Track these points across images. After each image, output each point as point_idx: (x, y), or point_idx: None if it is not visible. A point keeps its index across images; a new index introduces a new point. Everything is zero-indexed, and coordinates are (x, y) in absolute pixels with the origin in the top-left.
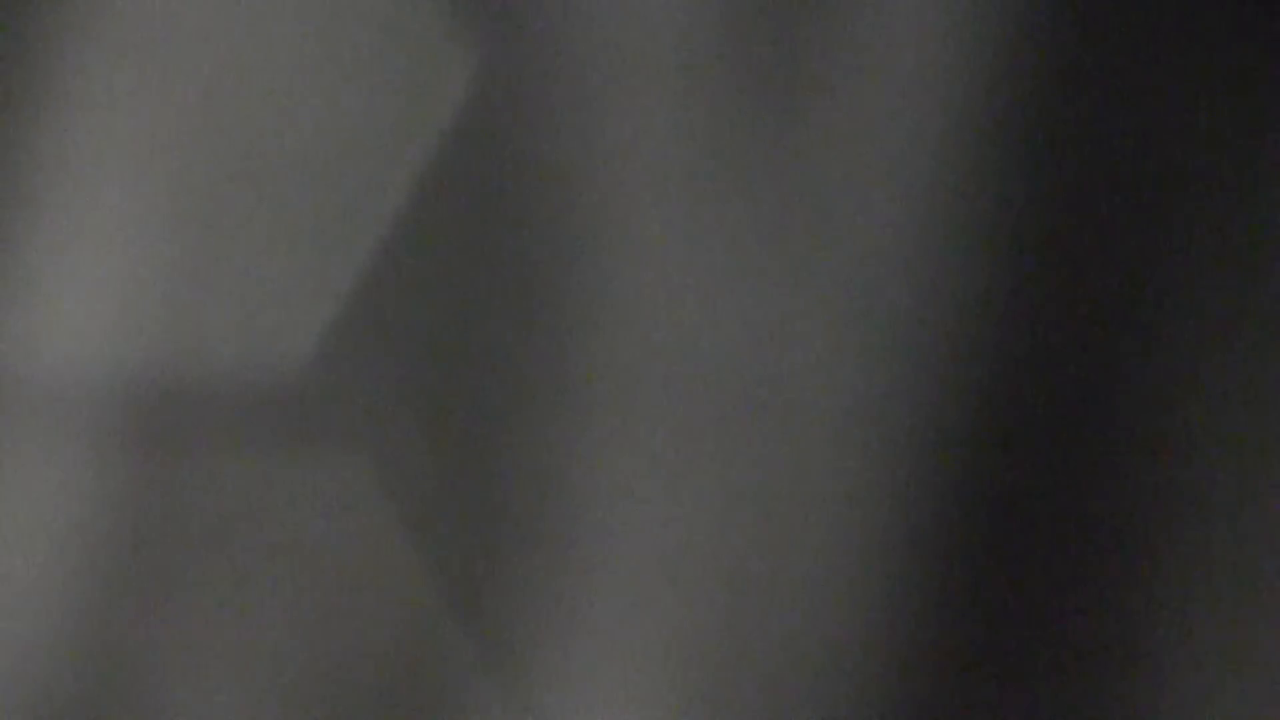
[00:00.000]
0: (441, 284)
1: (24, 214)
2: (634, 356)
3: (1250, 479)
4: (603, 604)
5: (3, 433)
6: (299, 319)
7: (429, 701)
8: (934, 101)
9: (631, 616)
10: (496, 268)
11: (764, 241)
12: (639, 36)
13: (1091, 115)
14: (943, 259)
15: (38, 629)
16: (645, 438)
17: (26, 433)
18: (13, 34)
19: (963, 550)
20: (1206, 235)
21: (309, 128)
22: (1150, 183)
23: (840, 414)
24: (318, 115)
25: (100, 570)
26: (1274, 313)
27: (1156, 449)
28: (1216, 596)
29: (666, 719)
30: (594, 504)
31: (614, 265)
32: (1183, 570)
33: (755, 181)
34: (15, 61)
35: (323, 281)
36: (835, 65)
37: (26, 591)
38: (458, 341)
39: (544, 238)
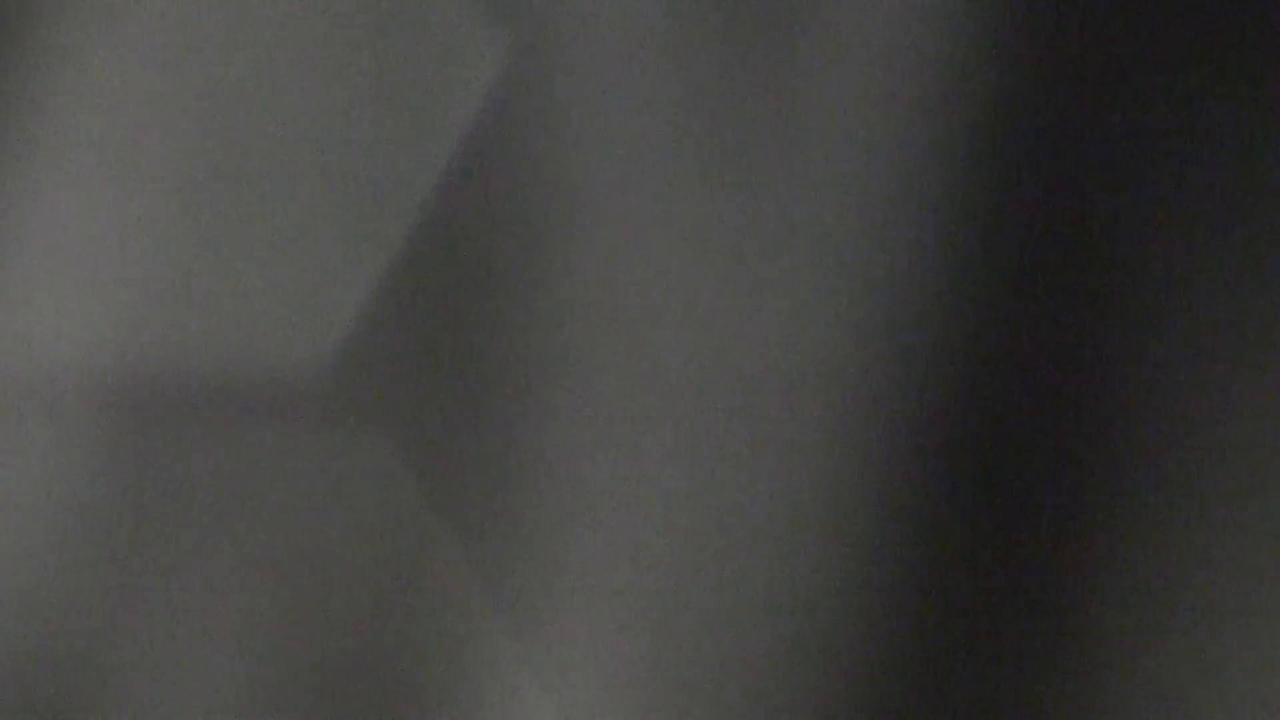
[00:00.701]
0: (458, 277)
1: (50, 210)
2: (640, 350)
3: (1250, 478)
4: (611, 571)
5: (19, 425)
6: (321, 309)
7: (453, 668)
8: (933, 99)
9: (635, 583)
10: (512, 261)
11: (772, 242)
12: (653, 36)
13: (1091, 111)
14: (938, 256)
15: (52, 621)
16: (646, 422)
17: (45, 426)
18: (31, 31)
19: (952, 550)
20: (1206, 234)
21: (332, 122)
22: (1149, 181)
23: (832, 412)
24: (340, 110)
25: (118, 558)
26: (1274, 313)
27: (1154, 447)
28: (1216, 596)
29: (677, 692)
30: (603, 487)
31: (625, 261)
32: (1181, 569)
33: (766, 181)
34: (34, 57)
35: (343, 274)
36: (838, 66)
37: (40, 584)
38: (473, 330)
39: (557, 233)
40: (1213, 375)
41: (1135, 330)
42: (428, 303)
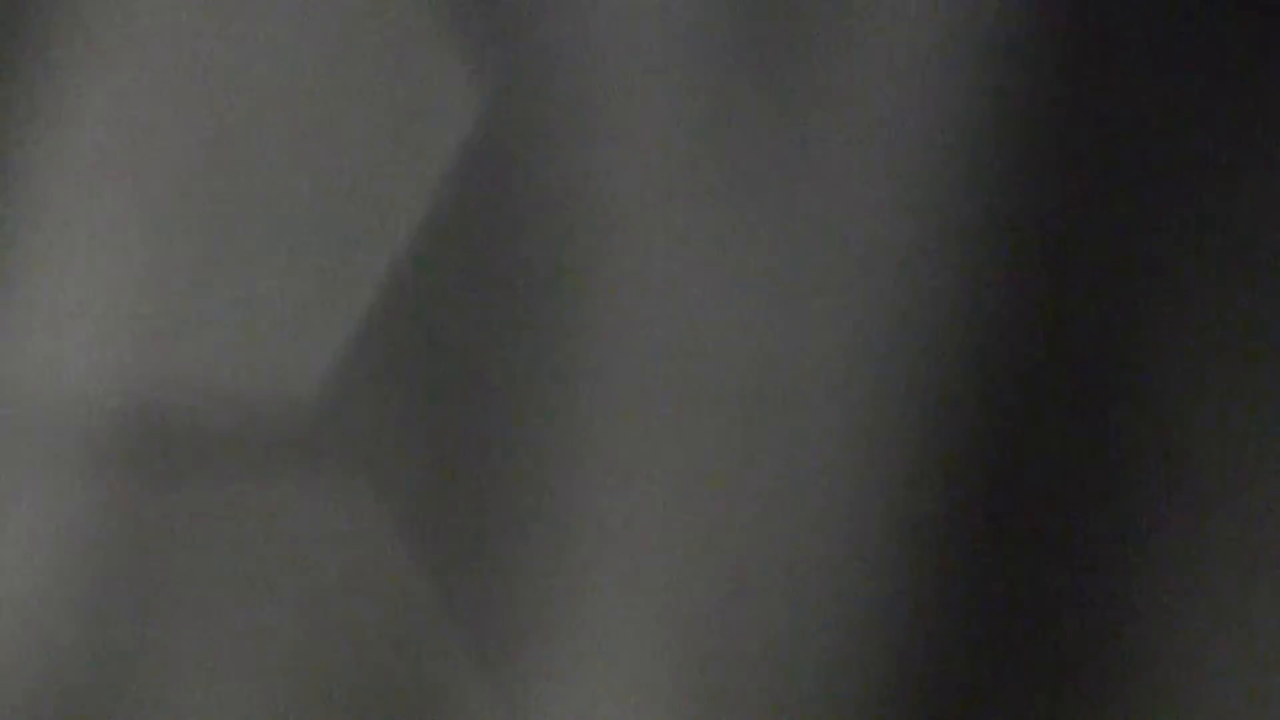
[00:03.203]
0: (447, 304)
1: (31, 239)
2: (636, 372)
3: (1249, 478)
4: (601, 618)
5: (5, 454)
6: (311, 346)
7: (431, 712)
8: (935, 101)
9: (628, 628)
10: (503, 287)
11: (769, 249)
12: (644, 52)
13: (1092, 114)
14: (944, 259)
15: (37, 654)
16: (645, 448)
17: (29, 456)
18: (20, 47)
19: (960, 551)
20: (1206, 234)
21: (318, 152)
22: (1148, 181)
23: (838, 415)
24: (326, 138)
25: (101, 592)
26: (1274, 313)
27: (1155, 448)
28: (1216, 596)
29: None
30: (595, 520)
31: (620, 286)
32: (1182, 570)
33: (761, 189)
34: (19, 74)
35: (328, 304)
36: (838, 69)
37: (26, 614)
38: (464, 361)
39: (550, 258)
40: (1214, 375)
41: (1143, 331)
42: (419, 339)
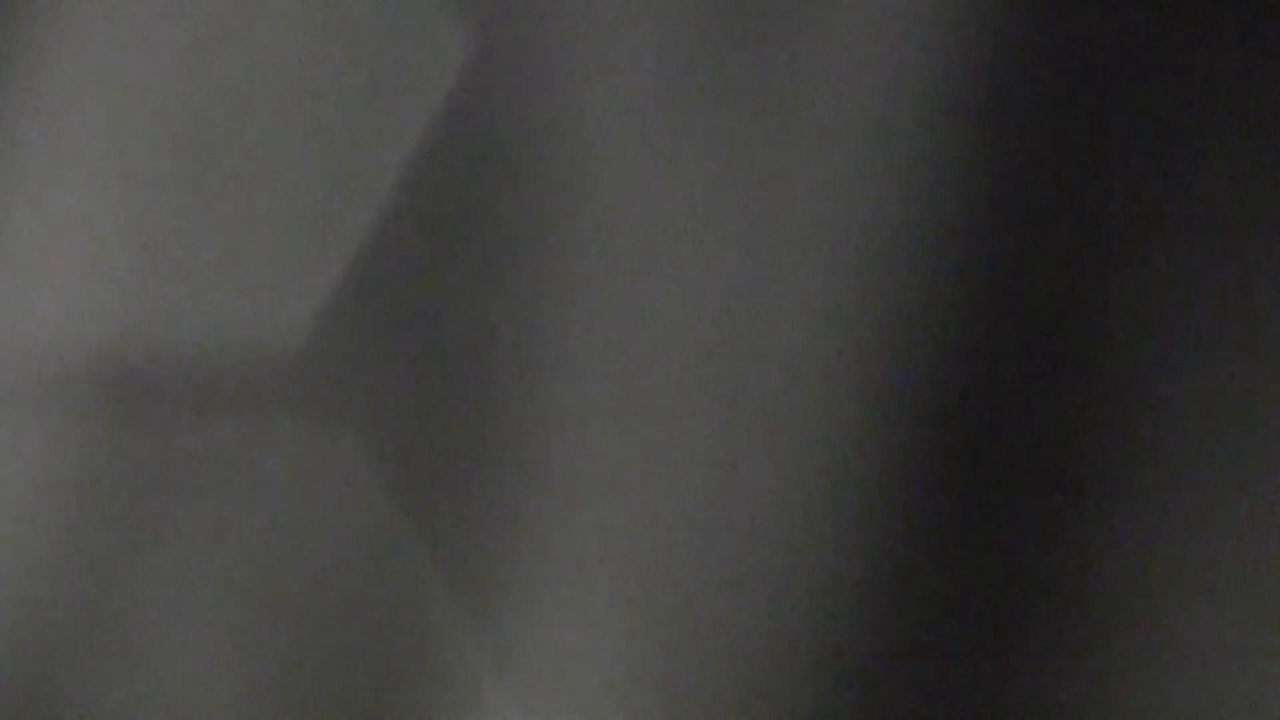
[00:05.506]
0: (430, 263)
1: (19, 198)
2: (618, 339)
3: (1248, 478)
4: (574, 556)
5: None
6: (291, 298)
7: (419, 676)
8: (936, 91)
9: (601, 567)
10: (484, 248)
11: (749, 231)
12: (627, 24)
13: (1091, 109)
14: (941, 251)
15: (22, 610)
16: (628, 417)
17: (17, 411)
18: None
19: (952, 546)
20: (1205, 234)
21: (301, 110)
22: (1149, 179)
23: (820, 404)
24: (310, 96)
25: (87, 550)
26: (1274, 313)
27: (1153, 446)
28: (1214, 594)
29: (647, 697)
30: (578, 485)
31: (600, 250)
32: (1178, 568)
33: (743, 168)
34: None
35: (314, 261)
36: (820, 54)
37: (9, 571)
38: (447, 320)
39: (530, 221)
40: (1212, 374)
41: (1135, 328)
42: (398, 293)
